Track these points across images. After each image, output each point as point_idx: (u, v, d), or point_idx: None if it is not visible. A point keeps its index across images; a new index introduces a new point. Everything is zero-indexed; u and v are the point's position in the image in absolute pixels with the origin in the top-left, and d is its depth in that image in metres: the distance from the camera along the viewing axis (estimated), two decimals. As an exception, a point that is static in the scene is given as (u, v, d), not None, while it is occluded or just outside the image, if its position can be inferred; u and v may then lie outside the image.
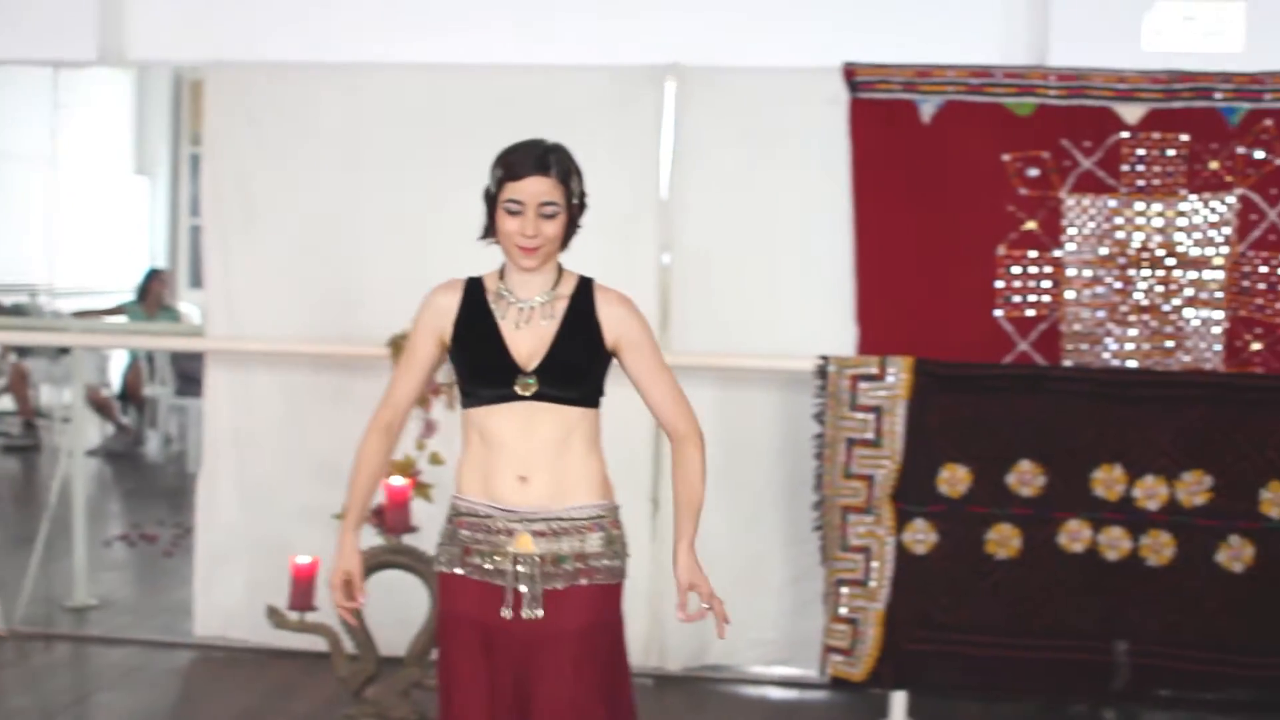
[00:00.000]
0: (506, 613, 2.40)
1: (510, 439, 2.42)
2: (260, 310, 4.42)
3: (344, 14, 4.38)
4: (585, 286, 2.48)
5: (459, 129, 4.19)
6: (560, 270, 2.48)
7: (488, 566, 2.44)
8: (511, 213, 2.38)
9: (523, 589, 2.40)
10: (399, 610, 3.91)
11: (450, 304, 2.47)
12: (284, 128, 4.37)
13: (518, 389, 2.39)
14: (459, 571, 2.45)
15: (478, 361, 2.45)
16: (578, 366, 2.44)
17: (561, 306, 2.45)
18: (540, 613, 2.40)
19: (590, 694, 2.43)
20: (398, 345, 3.86)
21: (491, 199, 2.42)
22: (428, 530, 3.39)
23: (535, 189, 2.37)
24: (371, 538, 3.37)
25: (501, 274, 2.48)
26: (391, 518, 3.72)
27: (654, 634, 4.20)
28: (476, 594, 2.44)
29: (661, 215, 4.21)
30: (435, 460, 3.79)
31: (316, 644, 3.73)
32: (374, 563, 3.63)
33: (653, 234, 4.21)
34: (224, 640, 4.52)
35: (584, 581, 2.43)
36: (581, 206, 2.46)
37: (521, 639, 2.42)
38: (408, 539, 3.73)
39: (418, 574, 3.74)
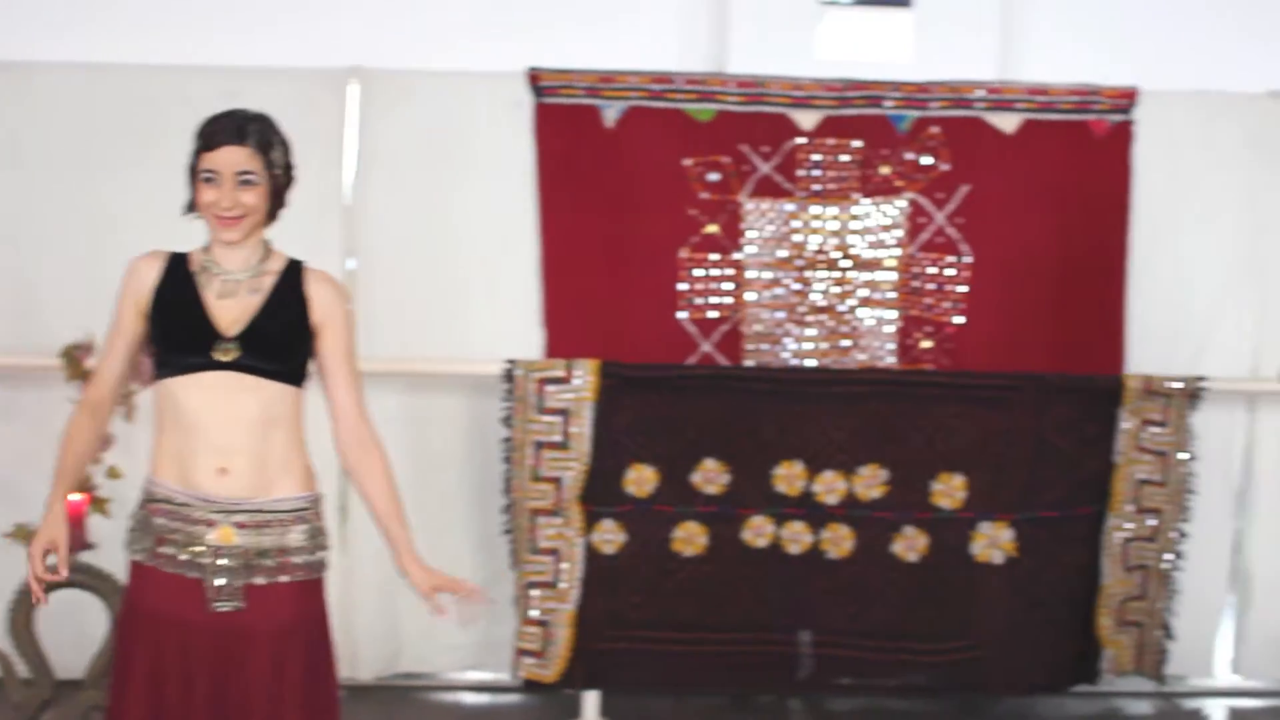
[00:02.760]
0: (207, 606, 2.71)
1: (207, 419, 2.73)
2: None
3: (14, 11, 5.09)
4: (295, 267, 2.86)
5: (137, 131, 4.86)
6: (267, 247, 2.85)
7: (183, 558, 2.73)
8: (208, 182, 2.74)
9: (221, 583, 2.72)
10: (76, 631, 4.56)
11: (150, 272, 2.81)
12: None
13: (217, 355, 2.72)
14: (150, 563, 2.76)
15: (175, 328, 2.76)
16: (281, 338, 2.78)
17: (269, 281, 2.82)
18: (239, 605, 2.72)
19: (293, 695, 2.79)
20: (70, 355, 4.59)
21: (191, 171, 2.79)
22: (107, 547, 3.98)
23: (231, 158, 2.73)
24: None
25: (207, 249, 2.84)
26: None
27: (345, 644, 4.95)
28: (170, 588, 2.73)
29: (346, 220, 4.97)
30: (113, 474, 4.30)
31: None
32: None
33: (337, 239, 4.95)
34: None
35: (285, 578, 2.78)
36: (287, 179, 2.82)
37: (219, 637, 2.72)
38: (85, 557, 4.27)
39: (96, 593, 4.32)
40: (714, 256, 5.04)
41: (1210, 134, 5.19)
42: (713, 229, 5.03)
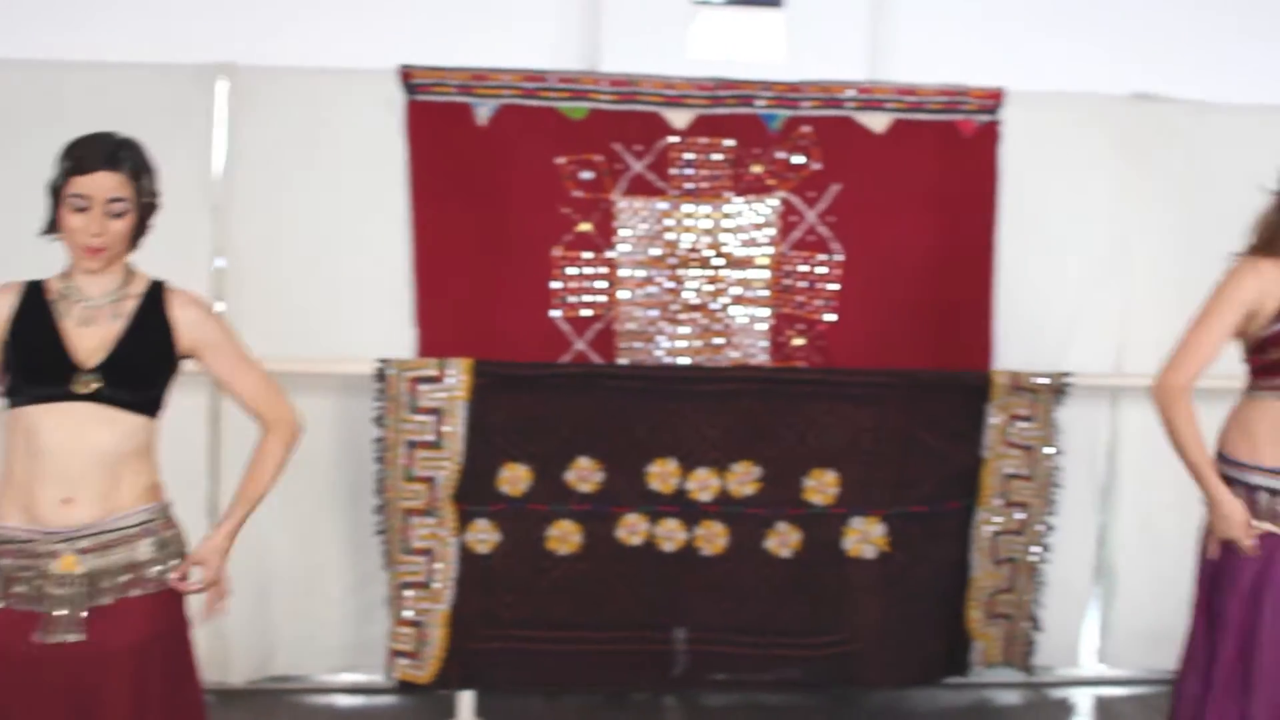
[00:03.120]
0: (47, 637, 2.71)
1: (57, 447, 2.71)
2: None
3: None
4: (156, 288, 2.86)
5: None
6: (128, 270, 2.83)
7: (30, 593, 2.73)
8: (77, 209, 2.69)
9: (62, 613, 2.72)
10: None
11: (4, 303, 2.78)
12: None
13: (77, 388, 2.71)
14: (3, 606, 2.74)
15: (30, 358, 2.73)
16: (144, 367, 2.77)
17: (130, 306, 2.81)
18: (78, 636, 2.71)
19: (155, 709, 2.80)
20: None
21: (56, 193, 2.72)
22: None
23: (103, 184, 2.69)
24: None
25: (66, 274, 2.82)
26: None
27: (215, 647, 5.01)
28: (21, 626, 2.72)
29: (215, 218, 5.02)
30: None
31: None
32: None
33: (207, 237, 5.00)
34: None
35: (137, 592, 2.79)
36: (152, 206, 2.81)
37: (72, 665, 2.71)
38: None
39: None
40: (587, 255, 5.15)
41: (1076, 134, 5.40)
42: (586, 227, 5.14)
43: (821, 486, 5.07)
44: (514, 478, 4.96)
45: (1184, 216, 5.40)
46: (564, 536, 5.01)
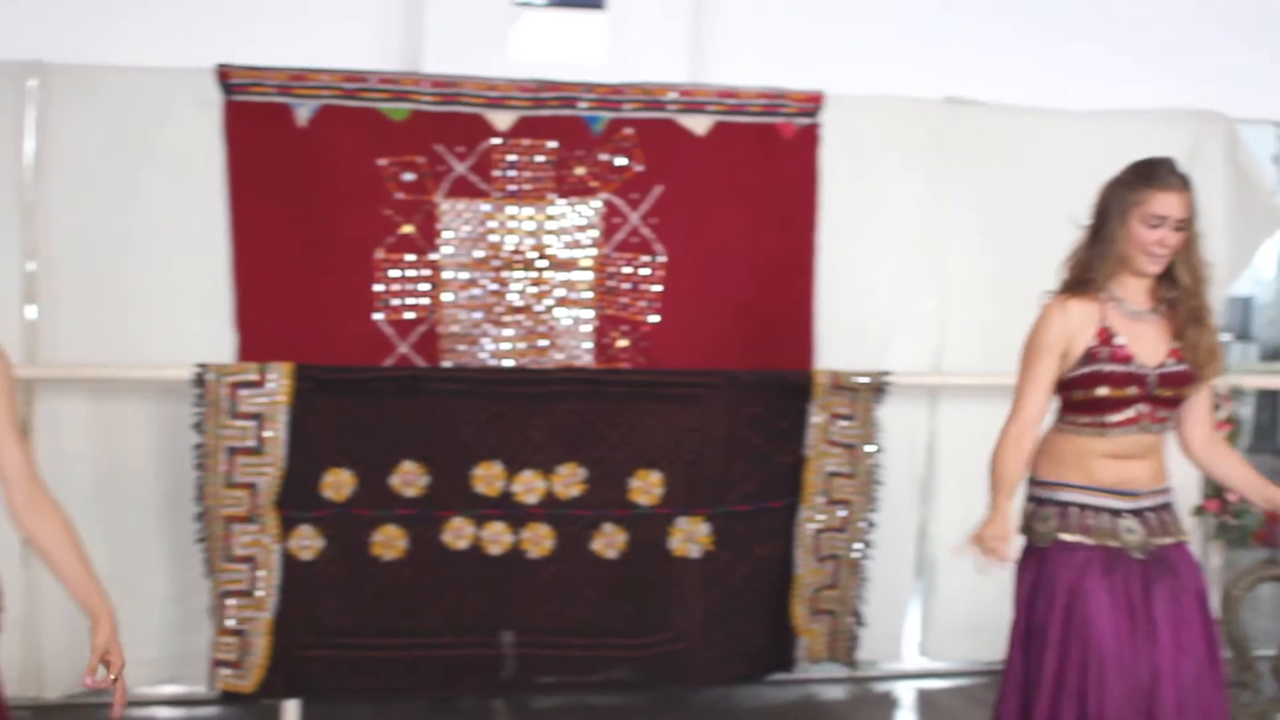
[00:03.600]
0: None
1: None
2: None
3: None
4: None
5: None
6: None
7: None
8: None
9: None
10: None
11: None
12: None
13: None
14: None
15: None
16: None
17: None
18: None
19: None
20: None
21: None
22: None
23: None
24: None
25: None
26: None
27: (30, 661, 5.00)
28: None
29: (25, 220, 5.01)
30: None
31: None
32: None
33: (17, 240, 5.00)
34: None
35: None
36: None
37: None
38: None
39: None
40: (410, 257, 5.26)
41: (893, 137, 5.65)
42: (408, 229, 5.25)
43: (647, 487, 5.23)
44: (337, 483, 5.04)
45: (998, 218, 5.68)
46: (389, 541, 5.10)
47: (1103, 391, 3.59)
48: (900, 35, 5.85)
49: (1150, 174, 3.57)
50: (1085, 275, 3.64)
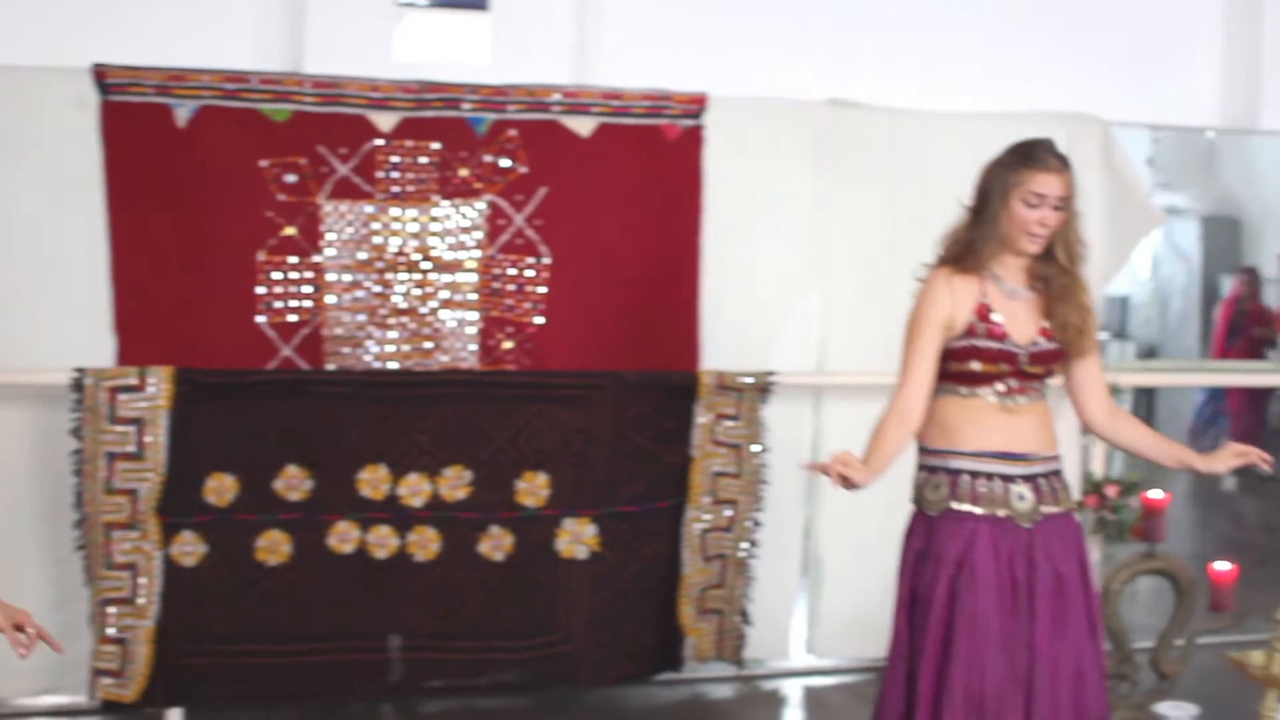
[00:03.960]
0: None
1: None
2: None
3: None
4: None
5: None
6: None
7: None
8: None
9: None
10: None
11: None
12: None
13: None
14: None
15: None
16: None
17: None
18: None
19: None
20: None
21: None
22: None
23: None
24: None
25: None
26: None
27: None
28: None
29: None
30: None
31: None
32: None
33: None
34: None
35: None
36: None
37: None
38: None
39: None
40: (293, 259, 5.28)
41: (776, 139, 5.76)
42: (291, 231, 5.27)
43: (533, 489, 5.31)
44: (220, 488, 5.05)
45: (880, 219, 5.82)
46: (273, 546, 5.13)
47: (975, 366, 3.73)
48: (784, 37, 5.98)
49: (1030, 155, 3.72)
50: (968, 253, 3.76)
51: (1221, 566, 5.44)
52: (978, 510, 3.71)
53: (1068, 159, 3.75)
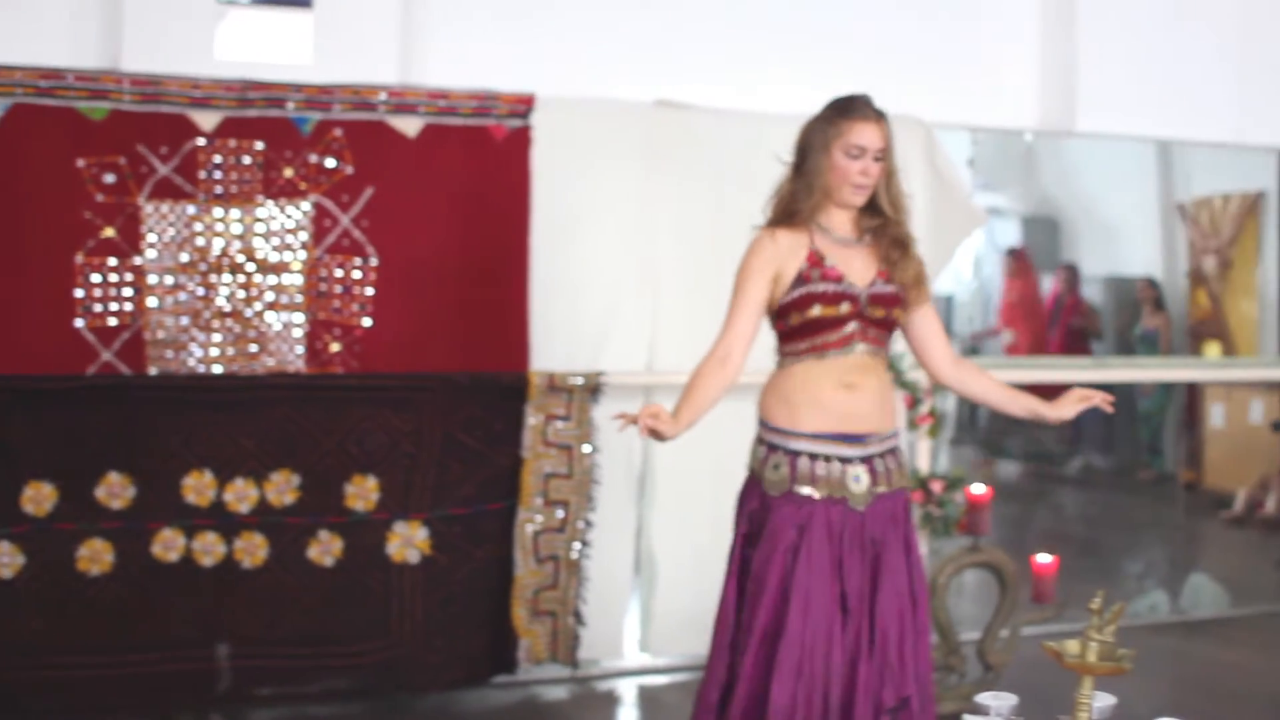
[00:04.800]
0: None
1: None
2: None
3: None
4: None
5: None
6: None
7: None
8: None
9: None
10: None
11: None
12: None
13: None
14: None
15: None
16: None
17: None
18: None
19: None
20: None
21: None
22: None
23: None
24: None
25: None
26: None
27: None
28: None
29: None
30: None
31: None
32: None
33: None
34: None
35: None
36: None
37: None
38: None
39: None
40: (112, 261, 5.18)
41: (604, 139, 5.79)
42: (110, 233, 5.17)
43: (363, 493, 5.28)
44: (38, 496, 4.96)
45: (707, 218, 5.87)
46: (95, 556, 5.04)
47: (816, 311, 3.76)
48: (614, 39, 6.00)
49: (848, 107, 3.82)
50: (791, 208, 3.83)
51: (1043, 559, 5.58)
52: (816, 494, 3.77)
53: (884, 112, 3.83)
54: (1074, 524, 8.48)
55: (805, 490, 3.78)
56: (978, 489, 5.68)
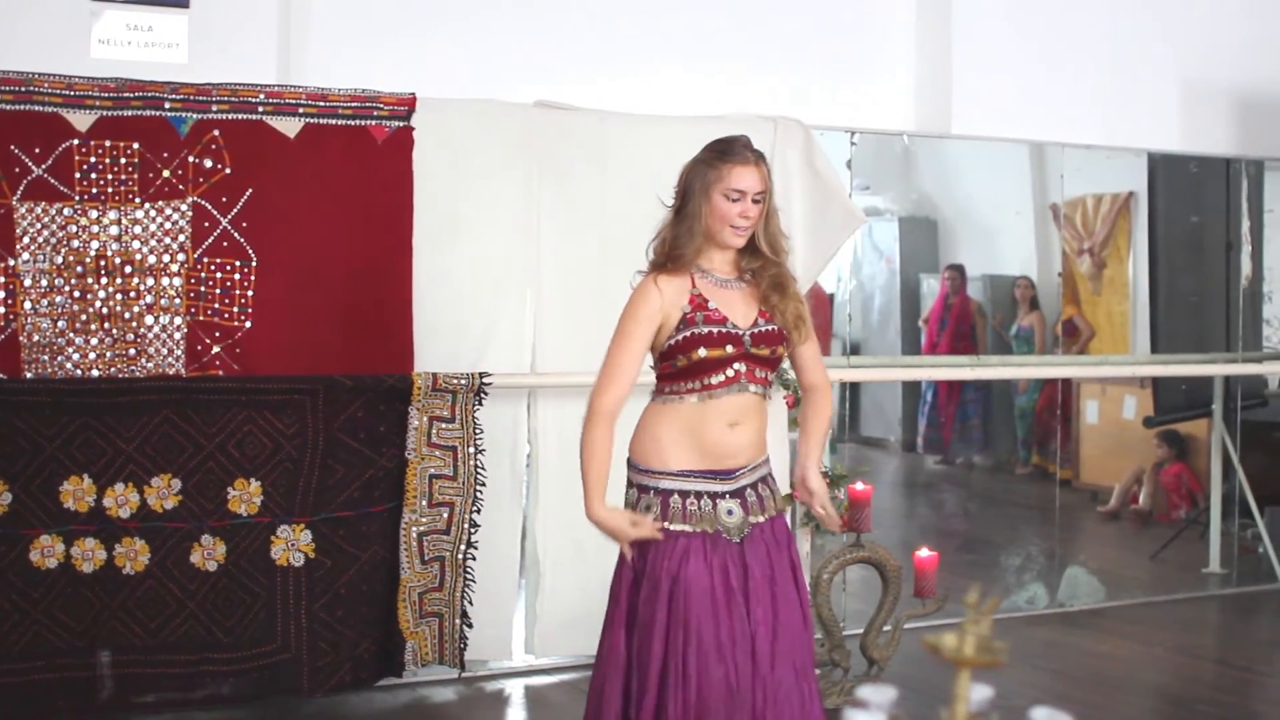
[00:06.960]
0: None
1: None
2: None
3: None
4: None
5: None
6: None
7: None
8: None
9: None
10: None
11: None
12: None
13: None
14: None
15: None
16: None
17: None
18: None
19: None
20: None
21: None
22: None
23: None
24: None
25: None
26: None
27: None
28: None
29: None
30: None
31: None
32: None
33: None
34: None
35: None
36: None
37: None
38: None
39: None
40: (-15, 264, 5.09)
41: (486, 140, 5.79)
42: (-18, 235, 5.08)
43: (246, 496, 5.23)
44: (-90, 504, 4.86)
45: (590, 219, 5.89)
46: (-32, 564, 4.94)
47: (701, 353, 3.77)
48: (495, 39, 6.02)
49: (728, 150, 3.82)
50: (674, 252, 3.83)
51: (924, 554, 5.65)
52: (689, 529, 3.76)
53: (763, 154, 3.85)
54: (954, 519, 8.59)
55: (678, 527, 3.77)
56: (859, 486, 5.74)
